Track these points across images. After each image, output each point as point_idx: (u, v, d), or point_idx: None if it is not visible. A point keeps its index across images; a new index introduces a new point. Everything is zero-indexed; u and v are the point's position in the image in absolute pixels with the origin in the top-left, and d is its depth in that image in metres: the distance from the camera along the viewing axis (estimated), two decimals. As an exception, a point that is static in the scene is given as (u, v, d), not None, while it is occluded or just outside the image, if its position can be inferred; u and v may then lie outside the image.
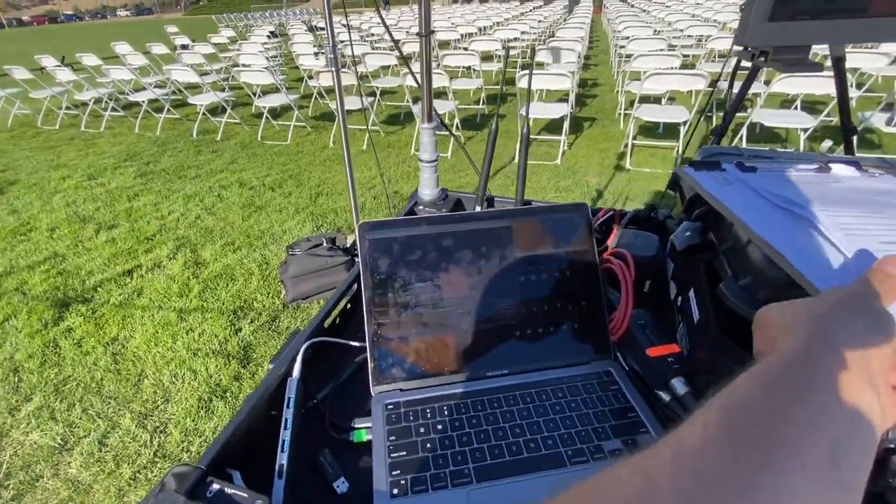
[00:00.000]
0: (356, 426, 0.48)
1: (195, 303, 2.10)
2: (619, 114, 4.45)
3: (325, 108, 5.00)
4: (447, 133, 0.90)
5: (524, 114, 3.02)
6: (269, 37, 7.30)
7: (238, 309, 2.06)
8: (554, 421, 0.48)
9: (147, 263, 2.41)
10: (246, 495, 0.36)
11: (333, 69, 1.64)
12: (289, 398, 0.45)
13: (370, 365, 0.52)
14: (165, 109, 4.69)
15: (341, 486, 0.43)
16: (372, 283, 0.54)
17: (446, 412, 0.49)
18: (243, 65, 4.75)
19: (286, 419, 0.44)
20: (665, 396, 0.50)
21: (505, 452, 0.45)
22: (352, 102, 3.98)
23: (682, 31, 6.16)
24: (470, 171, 3.39)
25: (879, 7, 0.45)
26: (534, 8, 11.14)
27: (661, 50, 4.61)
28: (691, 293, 0.53)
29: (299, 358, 0.49)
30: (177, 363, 1.77)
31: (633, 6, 11.20)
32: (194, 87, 5.14)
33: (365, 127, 2.80)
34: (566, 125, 3.65)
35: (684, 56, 5.23)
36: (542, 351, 0.55)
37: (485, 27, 7.70)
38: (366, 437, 0.47)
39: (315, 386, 0.53)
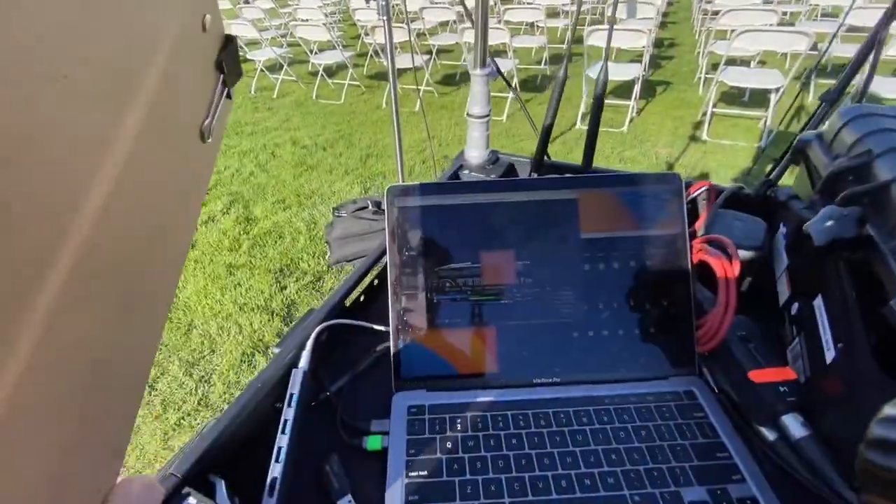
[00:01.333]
0: (372, 430, 0.40)
1: (244, 258, 2.14)
2: (699, 77, 3.97)
3: (380, 66, 4.87)
4: (503, 81, 0.77)
5: (591, 75, 2.75)
6: (328, -8, 7.17)
7: (284, 267, 2.07)
8: (617, 452, 0.38)
9: (202, 217, 2.48)
10: (224, 516, 0.29)
11: (384, 17, 1.52)
12: (291, 394, 0.38)
13: (392, 357, 0.43)
14: (226, 66, 4.76)
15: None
16: (399, 260, 0.44)
17: (480, 425, 0.40)
18: (301, 20, 4.69)
19: (285, 420, 0.36)
20: (769, 435, 0.38)
21: (552, 488, 0.36)
22: (406, 60, 3.83)
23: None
24: (527, 137, 3.19)
25: None
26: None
27: (755, 4, 4.02)
28: (818, 301, 0.39)
29: (309, 345, 0.41)
30: (224, 316, 1.82)
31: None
32: (254, 43, 5.18)
33: (417, 87, 2.66)
34: (637, 88, 3.31)
35: (783, 14, 4.56)
36: (606, 359, 0.44)
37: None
38: (381, 445, 0.39)
39: (328, 376, 0.45)
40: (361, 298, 0.53)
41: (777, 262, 0.50)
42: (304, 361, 0.40)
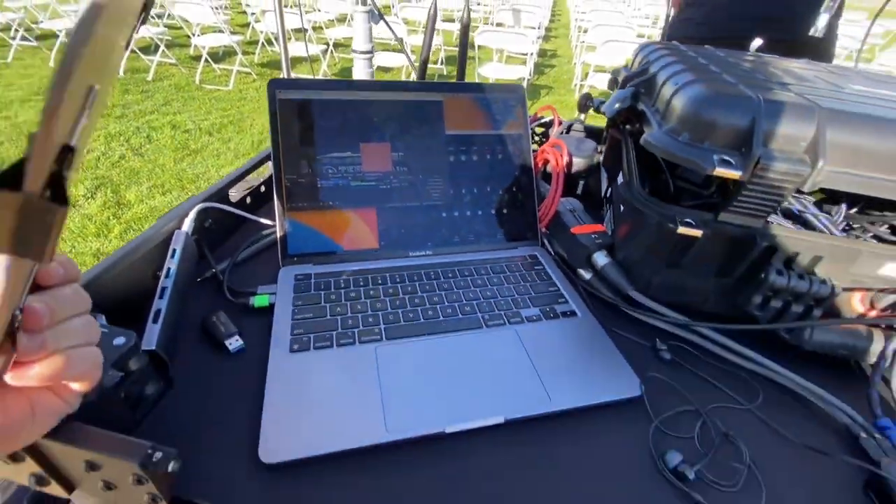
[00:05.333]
0: (258, 292, 0.43)
1: (115, 244, 1.92)
2: (576, 84, 4.48)
3: (273, 55, 4.65)
4: (384, 23, 0.83)
5: (483, 73, 2.92)
6: (211, -25, 6.64)
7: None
8: (474, 293, 0.46)
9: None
10: (106, 330, 0.30)
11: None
12: (174, 249, 0.39)
13: (279, 234, 0.47)
14: (87, 42, 4.18)
15: (234, 343, 0.38)
16: (283, 146, 0.48)
17: (361, 283, 0.46)
18: (180, -1, 4.29)
19: (168, 269, 0.38)
20: (586, 275, 0.49)
21: (420, 316, 0.43)
22: (301, 49, 3.73)
23: (638, 9, 6.26)
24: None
25: None
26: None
27: (618, 22, 4.65)
28: (620, 177, 0.52)
29: (192, 214, 0.43)
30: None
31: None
32: (122, 21, 4.60)
33: (313, 76, 2.63)
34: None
35: (639, 35, 5.31)
36: (469, 233, 0.53)
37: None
38: (268, 302, 0.42)
39: (216, 259, 0.47)
40: (248, 200, 0.55)
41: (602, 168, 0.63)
42: (186, 226, 0.42)
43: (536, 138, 0.78)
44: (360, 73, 0.71)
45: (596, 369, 0.38)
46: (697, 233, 0.37)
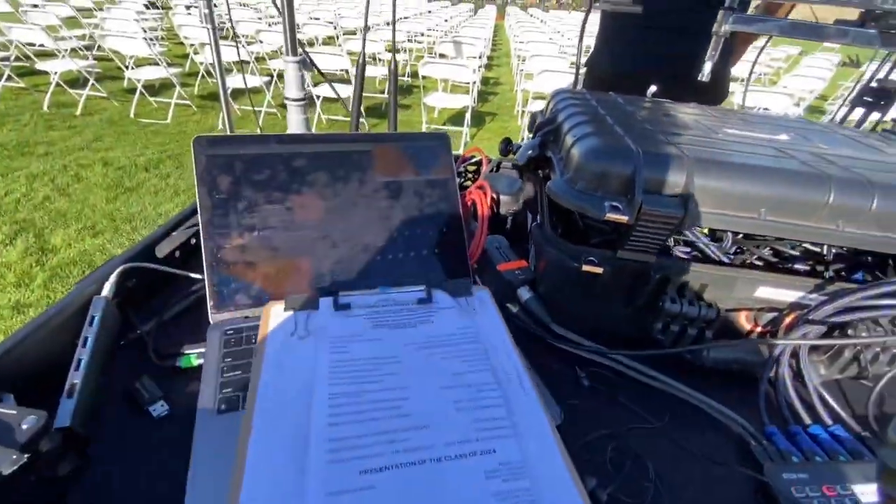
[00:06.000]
0: (185, 352, 0.43)
1: (38, 294, 1.78)
2: (518, 110, 4.70)
3: (213, 87, 4.56)
4: (316, 71, 0.85)
5: (429, 103, 3.01)
6: (146, 7, 6.47)
7: (97, 298, 1.79)
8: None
9: (-29, 252, 1.99)
10: (14, 412, 0.30)
11: (209, 26, 1.49)
12: (93, 317, 0.39)
13: (209, 290, 0.47)
14: (5, 76, 3.92)
15: (158, 409, 0.38)
16: (210, 203, 0.48)
17: (294, 333, 0.46)
18: (111, 31, 4.14)
19: (85, 337, 0.37)
20: (513, 308, 0.52)
21: (352, 363, 0.44)
22: (240, 81, 3.70)
23: (569, 39, 6.70)
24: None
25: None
26: (441, 7, 11.33)
27: (552, 52, 4.96)
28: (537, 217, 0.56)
29: (112, 278, 0.42)
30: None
31: (532, 15, 11.93)
32: (48, 55, 4.37)
33: (255, 108, 2.60)
34: (468, 117, 3.76)
35: (572, 64, 5.68)
36: (402, 276, 0.55)
37: (391, 21, 7.63)
38: (195, 362, 0.42)
39: (142, 321, 0.46)
40: (177, 254, 0.55)
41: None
42: (106, 290, 0.41)
43: (470, 175, 0.82)
44: (293, 119, 0.72)
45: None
46: (598, 270, 0.41)
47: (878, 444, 0.40)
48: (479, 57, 4.86)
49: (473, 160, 0.79)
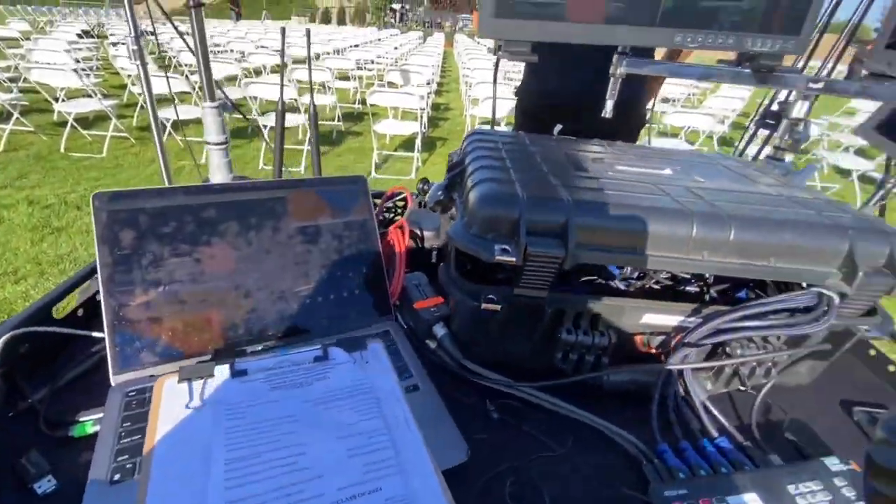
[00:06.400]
0: (81, 419, 0.41)
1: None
2: (467, 134, 4.83)
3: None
4: (240, 116, 0.85)
5: (379, 130, 3.04)
6: (79, 36, 6.21)
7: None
8: (322, 381, 0.48)
9: None
10: None
11: (137, 62, 1.46)
12: (-31, 393, 0.37)
13: (109, 350, 0.45)
14: (-86, 112, 3.62)
15: (44, 485, 0.36)
16: (112, 259, 0.47)
17: (202, 389, 0.45)
18: (39, 63, 3.94)
19: (-41, 417, 0.35)
20: (431, 344, 0.53)
21: (260, 416, 0.43)
22: (188, 112, 3.61)
23: (515, 64, 7.00)
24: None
25: (575, 16, 0.56)
26: (391, 35, 11.58)
27: (498, 81, 5.17)
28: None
29: (-3, 346, 0.40)
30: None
31: (479, 42, 12.40)
32: (-36, 87, 4.09)
33: (200, 139, 2.55)
34: (418, 142, 3.83)
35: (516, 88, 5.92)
36: (323, 319, 0.55)
37: (341, 49, 7.72)
38: (90, 429, 0.40)
39: (34, 388, 0.44)
40: (80, 313, 0.52)
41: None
42: (-11, 362, 0.39)
43: (400, 210, 0.84)
44: (216, 163, 0.72)
45: (429, 444, 0.42)
46: (496, 307, 0.44)
47: (760, 454, 0.44)
48: (428, 83, 4.99)
49: (401, 196, 0.81)
